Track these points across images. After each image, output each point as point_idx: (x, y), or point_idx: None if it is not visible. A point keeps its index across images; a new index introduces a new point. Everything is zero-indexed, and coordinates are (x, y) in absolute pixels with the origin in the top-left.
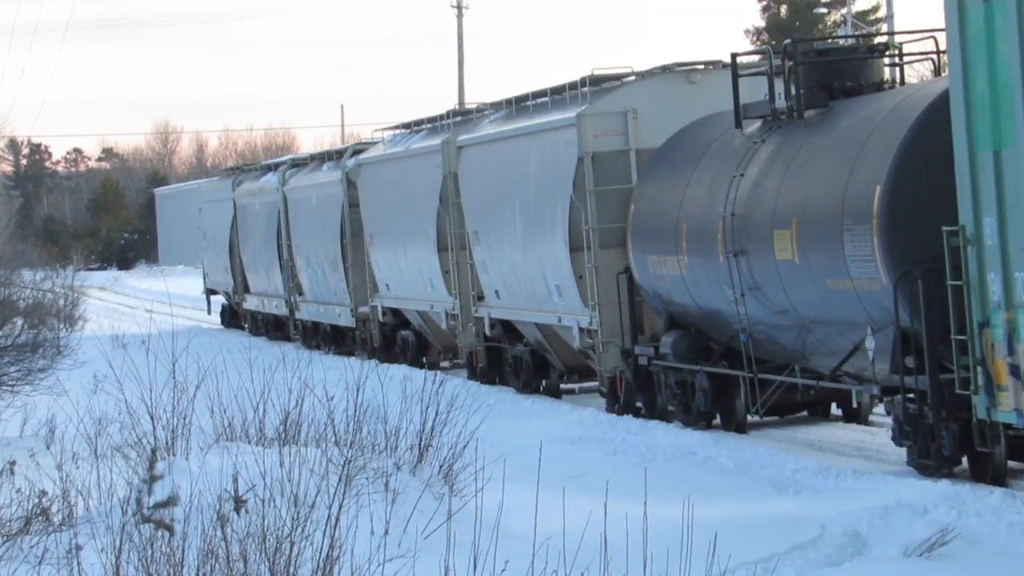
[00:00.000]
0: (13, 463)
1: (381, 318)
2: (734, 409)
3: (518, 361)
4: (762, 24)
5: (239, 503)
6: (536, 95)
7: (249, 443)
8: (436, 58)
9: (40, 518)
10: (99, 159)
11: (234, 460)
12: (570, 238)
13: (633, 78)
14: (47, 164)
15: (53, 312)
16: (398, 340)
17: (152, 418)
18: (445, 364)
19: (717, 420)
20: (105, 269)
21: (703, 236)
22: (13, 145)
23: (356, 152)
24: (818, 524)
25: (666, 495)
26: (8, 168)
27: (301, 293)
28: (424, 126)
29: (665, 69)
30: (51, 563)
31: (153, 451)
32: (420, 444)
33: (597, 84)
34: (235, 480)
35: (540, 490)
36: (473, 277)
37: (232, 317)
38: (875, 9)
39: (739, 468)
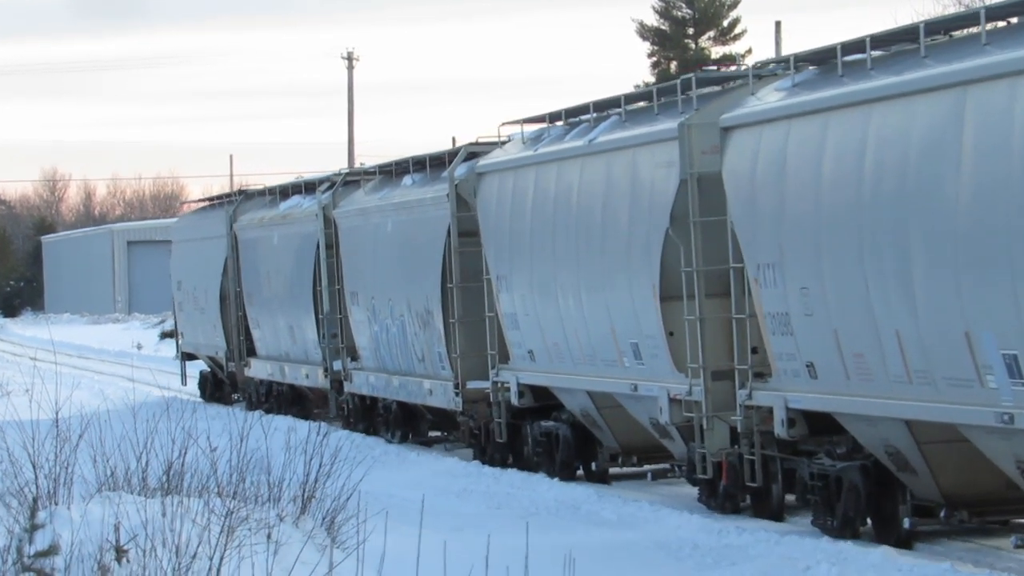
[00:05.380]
0: None
1: (516, 401)
2: None
3: (832, 483)
4: (652, 79)
5: (120, 553)
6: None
7: (132, 493)
8: (326, 109)
9: None
10: None
11: (116, 510)
12: None
13: None
14: None
15: None
16: (535, 434)
17: (34, 466)
18: (634, 467)
19: None
20: None
21: None
22: None
23: (470, 156)
24: None
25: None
26: None
27: (355, 358)
28: (613, 111)
29: None
30: None
31: (34, 500)
32: (303, 495)
33: None
34: (116, 530)
35: (423, 540)
36: (744, 338)
37: (216, 388)
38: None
39: (622, 522)
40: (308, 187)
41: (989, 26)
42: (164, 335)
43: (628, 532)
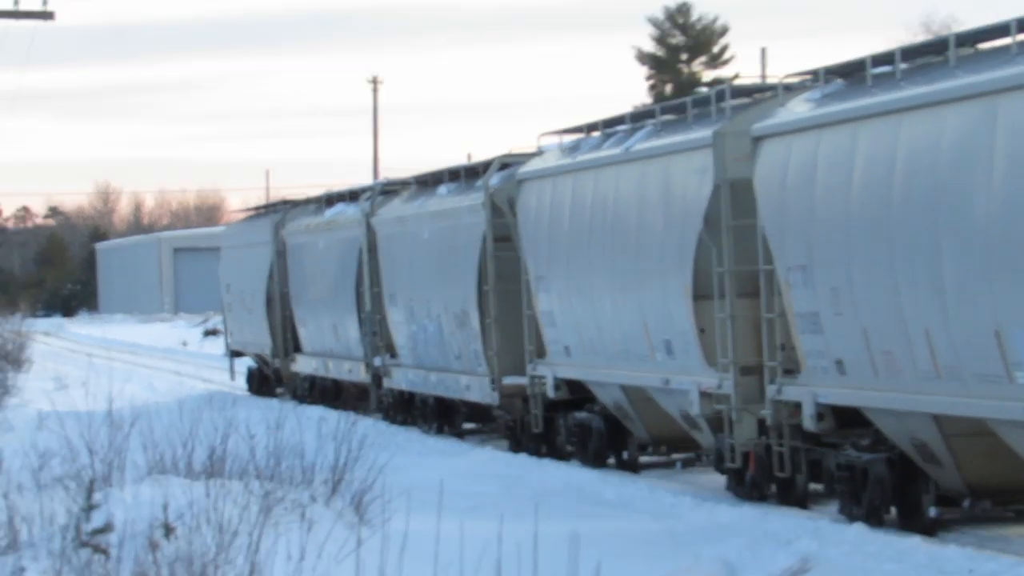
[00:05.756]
0: None
1: (552, 393)
2: None
3: (858, 474)
4: (649, 100)
5: (168, 530)
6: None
7: (178, 476)
8: (353, 128)
9: None
10: (45, 216)
11: (164, 491)
12: None
13: None
14: None
15: (1, 355)
16: (568, 425)
17: (90, 452)
18: (661, 458)
19: None
20: (50, 316)
21: None
22: None
23: (504, 166)
24: (693, 553)
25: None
26: None
27: (393, 355)
28: (648, 121)
29: None
30: None
31: (91, 482)
32: (333, 478)
33: None
34: (165, 509)
35: (443, 519)
36: (774, 336)
37: (262, 382)
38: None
39: (621, 502)
40: (352, 196)
41: (1020, 37)
42: (207, 333)
43: (626, 510)
